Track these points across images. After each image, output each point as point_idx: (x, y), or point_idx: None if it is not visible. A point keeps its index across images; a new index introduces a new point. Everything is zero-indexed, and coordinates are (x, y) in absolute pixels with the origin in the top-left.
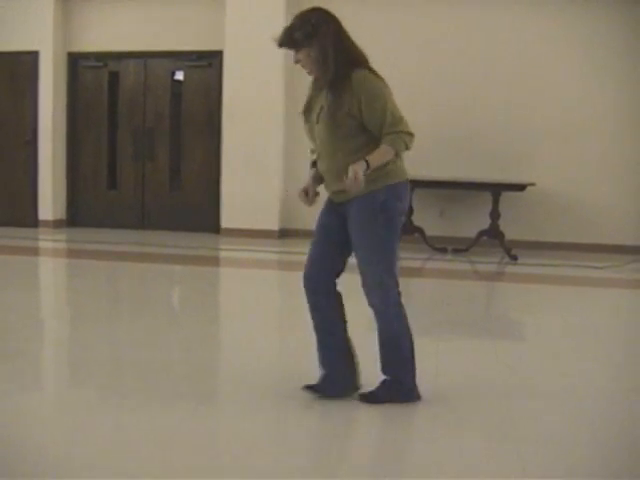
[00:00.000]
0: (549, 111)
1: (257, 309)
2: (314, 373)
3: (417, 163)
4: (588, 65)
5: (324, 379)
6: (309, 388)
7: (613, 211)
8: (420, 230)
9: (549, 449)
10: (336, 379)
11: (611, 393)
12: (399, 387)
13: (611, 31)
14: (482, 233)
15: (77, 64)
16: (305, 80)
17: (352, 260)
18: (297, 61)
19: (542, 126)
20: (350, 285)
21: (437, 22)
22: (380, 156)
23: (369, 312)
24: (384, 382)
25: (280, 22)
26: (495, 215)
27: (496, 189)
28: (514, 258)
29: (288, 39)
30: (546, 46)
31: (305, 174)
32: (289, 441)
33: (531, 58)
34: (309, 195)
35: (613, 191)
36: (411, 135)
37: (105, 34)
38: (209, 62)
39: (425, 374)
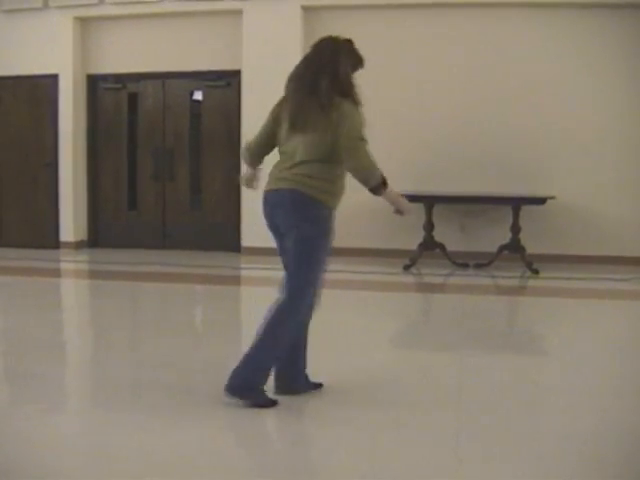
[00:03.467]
0: (566, 123)
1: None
2: (342, 391)
3: (436, 179)
4: (603, 75)
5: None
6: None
7: (634, 223)
8: (441, 246)
9: (574, 465)
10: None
11: (636, 408)
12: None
13: (625, 40)
14: (503, 247)
15: (96, 86)
16: None
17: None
18: None
19: (560, 138)
20: None
21: (454, 34)
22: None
23: None
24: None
25: (297, 41)
26: (516, 229)
27: (516, 203)
28: (536, 272)
29: None
30: (560, 57)
31: None
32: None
33: (546, 70)
34: None
35: (634, 202)
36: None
37: (123, 55)
38: (227, 82)
39: (448, 389)
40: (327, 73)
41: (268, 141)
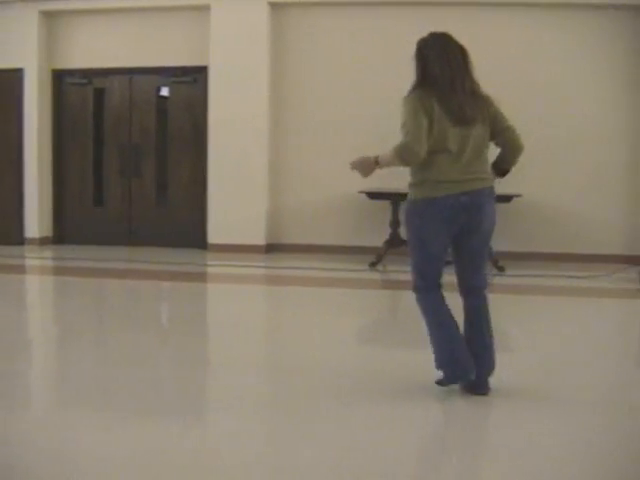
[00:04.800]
0: (533, 123)
1: (245, 325)
2: (304, 387)
3: (402, 176)
4: (572, 74)
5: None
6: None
7: (599, 221)
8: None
9: (529, 459)
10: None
11: (602, 403)
12: None
13: (602, 40)
14: None
15: (62, 81)
16: (291, 95)
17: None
18: None
19: (529, 137)
20: None
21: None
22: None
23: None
24: None
25: (264, 38)
26: None
27: None
28: (501, 269)
29: None
30: (530, 56)
31: (289, 188)
32: (282, 458)
33: (512, 68)
34: None
35: (599, 201)
36: (403, 146)
37: (90, 51)
38: (194, 78)
39: (410, 385)
40: None
41: None
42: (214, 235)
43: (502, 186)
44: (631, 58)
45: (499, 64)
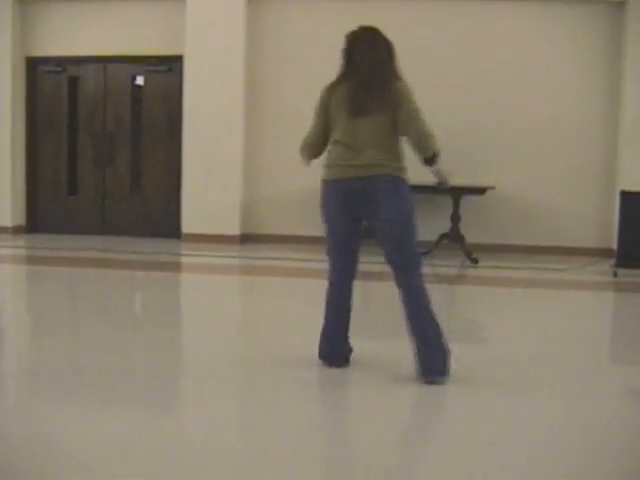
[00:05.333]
0: (508, 115)
1: (218, 314)
2: (271, 375)
3: None
4: (545, 66)
5: None
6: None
7: (572, 214)
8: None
9: (503, 448)
10: None
11: (572, 394)
12: None
13: (572, 32)
14: (443, 236)
15: (36, 69)
16: (266, 84)
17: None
18: None
19: (501, 130)
20: None
21: (397, 22)
22: None
23: None
24: None
25: (240, 27)
26: (456, 218)
27: (456, 192)
28: (475, 261)
29: None
30: (504, 48)
31: (264, 178)
32: (249, 446)
33: (488, 60)
34: None
35: (572, 194)
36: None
37: (64, 38)
38: (169, 67)
39: (384, 375)
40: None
41: None
42: (188, 225)
43: (476, 178)
44: (609, 53)
45: (476, 56)
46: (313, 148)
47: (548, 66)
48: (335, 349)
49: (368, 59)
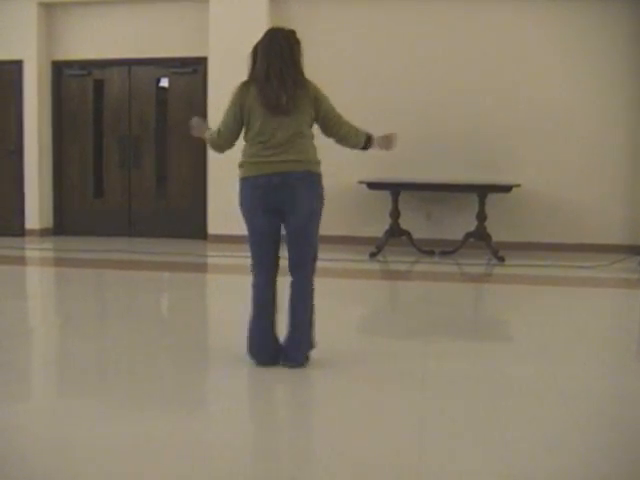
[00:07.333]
0: (534, 112)
1: (245, 316)
2: (309, 382)
3: (403, 167)
4: (572, 65)
5: None
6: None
7: (598, 210)
8: (407, 233)
9: (541, 449)
10: None
11: (599, 393)
12: None
13: (595, 30)
14: (469, 235)
15: (61, 73)
16: None
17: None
18: None
19: (527, 127)
20: None
21: (421, 22)
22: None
23: None
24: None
25: (263, 28)
26: (482, 217)
27: (482, 191)
28: (501, 259)
29: None
30: (530, 47)
31: None
32: (274, 447)
33: (515, 59)
34: None
35: (598, 191)
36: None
37: (89, 42)
38: (193, 69)
39: (413, 375)
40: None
41: None
42: (214, 226)
43: (501, 176)
44: (628, 44)
45: (494, 53)
46: (225, 144)
47: (575, 63)
48: (266, 345)
49: (280, 58)
